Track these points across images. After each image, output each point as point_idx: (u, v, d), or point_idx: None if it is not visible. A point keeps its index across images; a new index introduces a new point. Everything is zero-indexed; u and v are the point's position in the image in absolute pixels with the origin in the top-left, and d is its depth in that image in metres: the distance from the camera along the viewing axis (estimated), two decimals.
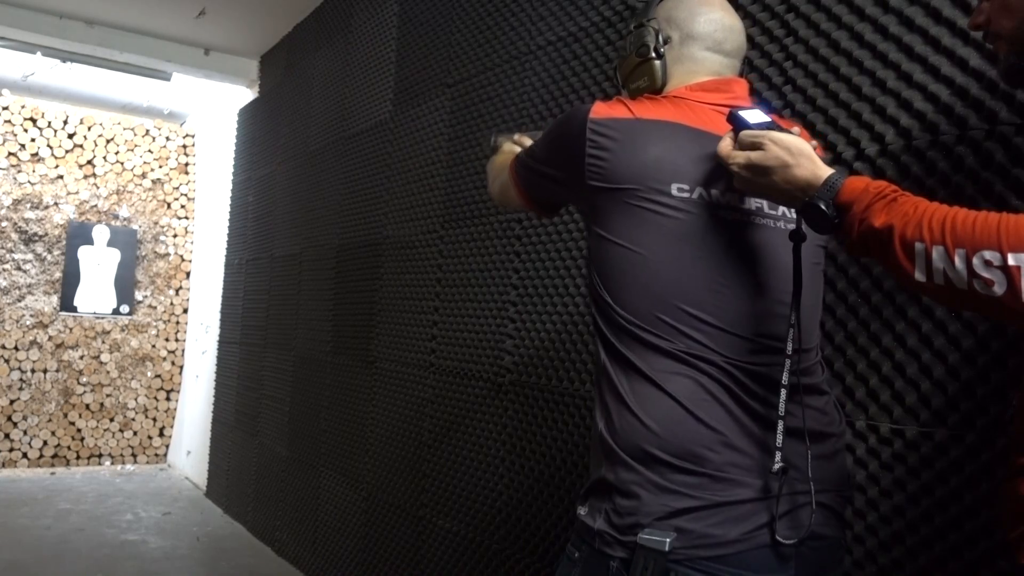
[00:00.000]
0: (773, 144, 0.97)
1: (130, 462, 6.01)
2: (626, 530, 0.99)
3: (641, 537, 0.97)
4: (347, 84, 3.59)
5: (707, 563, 0.97)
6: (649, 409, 1.02)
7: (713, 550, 0.97)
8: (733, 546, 0.97)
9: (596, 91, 2.09)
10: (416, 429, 2.75)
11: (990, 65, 1.26)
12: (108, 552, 3.81)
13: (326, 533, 3.38)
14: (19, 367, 5.64)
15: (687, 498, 0.98)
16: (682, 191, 1.05)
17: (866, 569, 1.37)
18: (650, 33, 1.18)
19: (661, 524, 0.98)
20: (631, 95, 1.20)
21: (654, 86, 1.18)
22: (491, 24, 2.55)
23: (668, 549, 0.96)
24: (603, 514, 1.03)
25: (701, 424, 1.00)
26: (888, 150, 1.39)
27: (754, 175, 0.99)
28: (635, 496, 1.00)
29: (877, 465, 1.36)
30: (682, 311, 1.03)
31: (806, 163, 0.96)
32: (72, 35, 4.47)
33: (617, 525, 1.01)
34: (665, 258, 1.04)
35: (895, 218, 0.86)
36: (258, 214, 4.55)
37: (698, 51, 1.17)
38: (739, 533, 0.98)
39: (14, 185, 5.69)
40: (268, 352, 4.19)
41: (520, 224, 2.32)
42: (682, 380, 1.01)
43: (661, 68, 1.18)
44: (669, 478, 0.99)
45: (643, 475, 1.00)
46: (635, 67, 1.20)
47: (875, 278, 1.39)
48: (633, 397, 1.03)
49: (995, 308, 0.81)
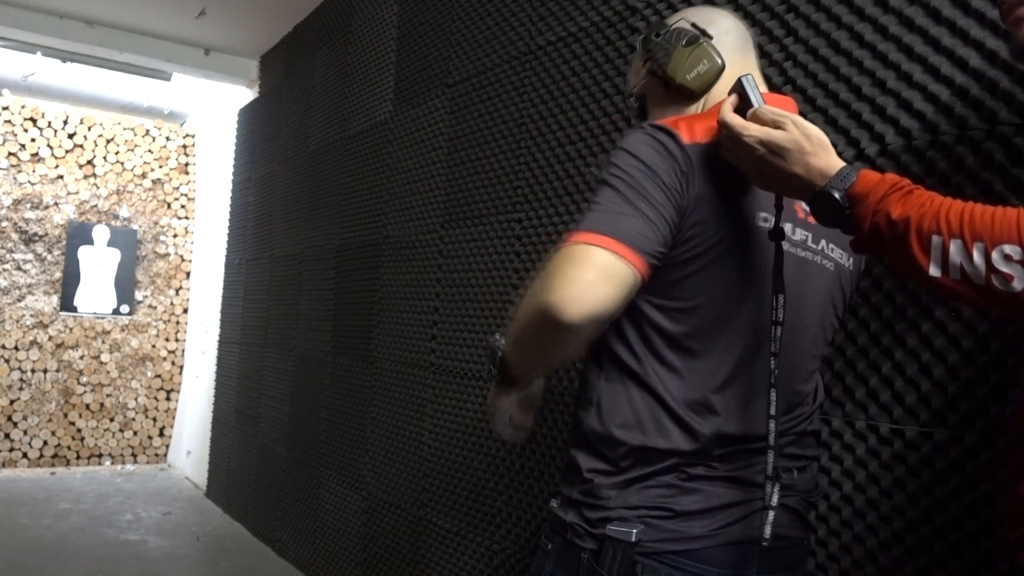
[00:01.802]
0: (795, 127, 0.93)
1: (130, 462, 6.01)
2: (596, 523, 1.01)
3: (609, 529, 0.99)
4: (347, 84, 3.59)
5: (674, 557, 0.98)
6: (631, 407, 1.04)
7: (680, 544, 0.99)
8: (699, 541, 0.99)
9: (596, 91, 2.09)
10: (416, 429, 2.75)
11: (990, 64, 1.26)
12: (108, 552, 3.81)
13: (326, 533, 3.38)
14: (19, 367, 5.64)
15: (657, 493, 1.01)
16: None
17: (866, 569, 1.37)
18: (686, 24, 1.15)
19: (629, 516, 0.99)
20: (693, 85, 1.13)
21: (716, 65, 1.11)
22: (491, 24, 2.55)
23: (635, 540, 0.97)
24: (574, 506, 1.05)
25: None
26: (888, 150, 1.39)
27: (768, 153, 0.94)
28: (605, 490, 1.02)
29: (877, 465, 1.36)
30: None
31: (823, 153, 0.93)
32: (72, 35, 4.47)
33: (588, 518, 1.02)
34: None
35: (911, 210, 0.84)
36: (258, 214, 4.55)
37: (734, 40, 1.15)
38: (706, 529, 0.99)
39: (14, 185, 5.69)
40: (268, 352, 4.20)
41: (520, 224, 2.33)
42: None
43: (715, 48, 1.12)
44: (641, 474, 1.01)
45: (615, 469, 1.02)
46: (688, 56, 1.12)
47: (875, 278, 1.39)
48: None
49: (1012, 304, 0.79)
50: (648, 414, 1.01)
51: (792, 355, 1.09)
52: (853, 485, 1.39)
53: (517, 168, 2.36)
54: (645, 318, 1.03)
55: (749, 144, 0.95)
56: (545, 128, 2.26)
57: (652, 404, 1.02)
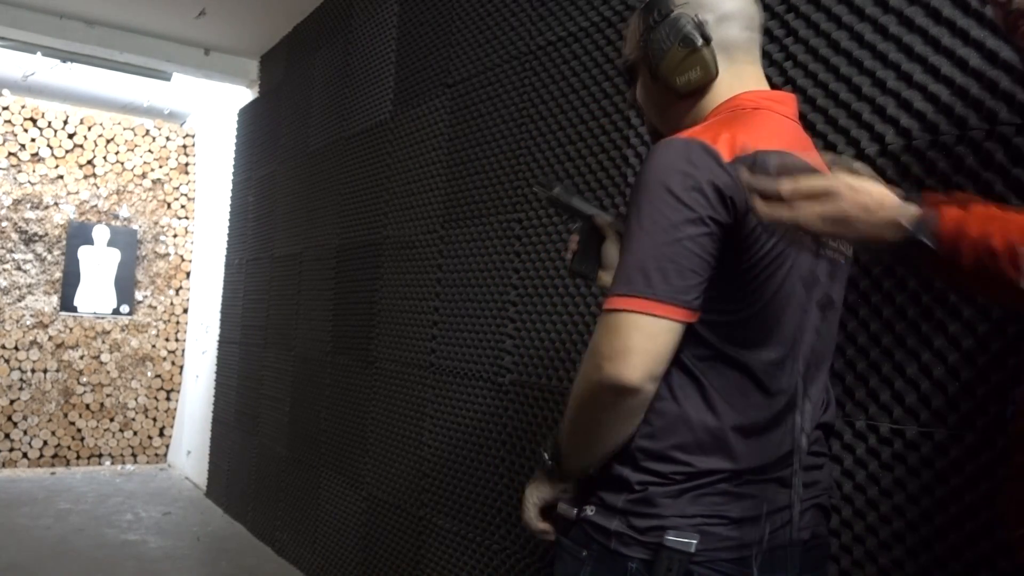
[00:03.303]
0: (849, 190, 0.85)
1: (130, 462, 6.01)
2: (648, 531, 0.99)
3: (668, 539, 0.97)
4: (347, 84, 3.59)
5: (727, 565, 0.98)
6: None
7: (734, 552, 0.99)
8: (752, 548, 0.99)
9: (596, 91, 2.09)
10: (416, 429, 2.75)
11: (991, 64, 1.26)
12: (108, 552, 3.81)
13: (326, 533, 3.38)
14: (19, 367, 5.64)
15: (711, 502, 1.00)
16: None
17: (866, 569, 1.37)
18: (687, 20, 1.08)
19: (683, 525, 0.98)
20: (680, 90, 1.10)
21: (708, 76, 1.08)
22: (491, 24, 2.55)
23: (694, 551, 0.97)
24: (620, 515, 1.01)
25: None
26: (888, 150, 1.39)
27: (835, 227, 0.85)
28: (660, 499, 1.00)
29: (877, 465, 1.36)
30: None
31: (885, 199, 0.85)
32: (72, 35, 4.47)
33: (637, 527, 1.00)
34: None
35: (990, 226, 0.81)
36: (258, 214, 4.55)
37: (737, 31, 1.10)
38: (758, 535, 1.00)
39: (14, 185, 5.69)
40: (268, 352, 4.19)
41: (520, 224, 2.33)
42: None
43: (711, 55, 1.07)
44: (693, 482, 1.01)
45: (667, 481, 1.00)
46: (682, 60, 1.08)
47: (874, 278, 1.39)
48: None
49: None
50: (703, 432, 1.00)
51: (824, 350, 1.11)
52: (853, 485, 1.39)
53: (517, 168, 2.36)
54: (694, 335, 1.00)
55: (810, 227, 0.87)
56: (545, 128, 2.26)
57: (703, 421, 1.00)
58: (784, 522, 1.02)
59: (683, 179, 0.94)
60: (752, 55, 1.14)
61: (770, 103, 1.10)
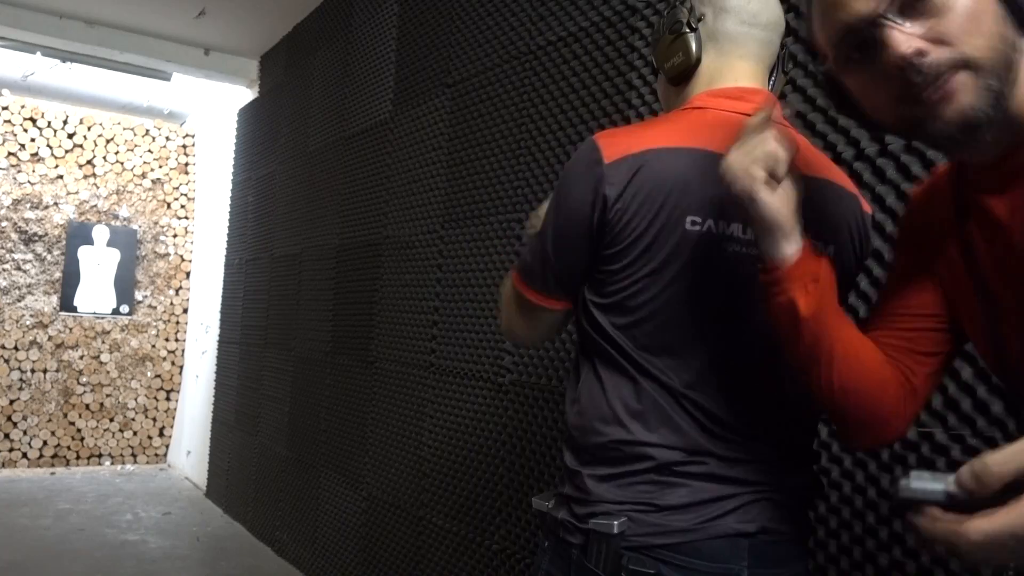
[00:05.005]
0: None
1: (130, 462, 6.01)
2: (583, 518, 1.02)
3: (592, 522, 1.00)
4: (347, 84, 3.59)
5: (660, 551, 0.98)
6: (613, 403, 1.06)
7: (667, 538, 0.98)
8: (686, 535, 0.99)
9: (596, 91, 2.09)
10: (416, 429, 2.75)
11: None
12: (108, 552, 3.81)
13: (326, 533, 3.38)
14: (19, 367, 5.64)
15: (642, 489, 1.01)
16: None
17: (865, 570, 1.37)
18: (682, 10, 1.16)
19: (613, 510, 1.00)
20: (667, 74, 1.17)
21: (689, 61, 1.14)
22: (491, 24, 2.55)
23: (617, 532, 0.98)
24: (566, 503, 1.06)
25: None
26: (888, 150, 1.39)
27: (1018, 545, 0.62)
28: (590, 483, 1.03)
29: (876, 466, 1.36)
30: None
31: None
32: (72, 35, 4.48)
33: (576, 514, 1.04)
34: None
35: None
36: (258, 214, 4.55)
37: (732, 25, 1.14)
38: (691, 523, 0.99)
39: (14, 185, 5.69)
40: (268, 352, 4.20)
41: (520, 224, 2.32)
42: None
43: (696, 40, 1.13)
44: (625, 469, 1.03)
45: (595, 462, 1.04)
46: (669, 44, 1.16)
47: (874, 279, 1.39)
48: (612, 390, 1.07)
49: None
50: (622, 407, 1.03)
51: (761, 345, 1.07)
52: (852, 486, 1.39)
53: (517, 168, 2.36)
54: (595, 319, 1.07)
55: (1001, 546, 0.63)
56: (545, 128, 2.26)
57: (629, 396, 1.03)
58: (726, 511, 1.00)
59: (565, 180, 1.08)
60: (747, 50, 1.14)
61: (720, 101, 1.10)
